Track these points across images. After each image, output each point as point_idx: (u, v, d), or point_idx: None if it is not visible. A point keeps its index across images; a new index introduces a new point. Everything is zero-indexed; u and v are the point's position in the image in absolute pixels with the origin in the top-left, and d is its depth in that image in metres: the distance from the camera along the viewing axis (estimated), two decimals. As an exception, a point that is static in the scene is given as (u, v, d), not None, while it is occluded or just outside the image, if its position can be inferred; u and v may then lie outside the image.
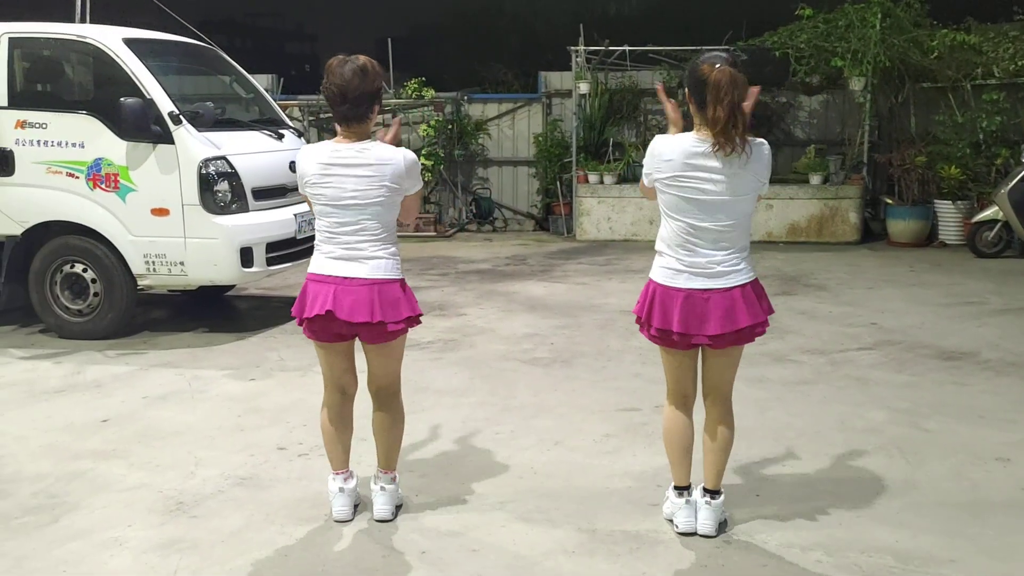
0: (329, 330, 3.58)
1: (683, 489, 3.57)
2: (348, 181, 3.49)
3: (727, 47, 11.54)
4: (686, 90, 3.39)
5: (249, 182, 6.63)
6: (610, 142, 11.95)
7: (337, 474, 3.76)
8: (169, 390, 5.47)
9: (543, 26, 19.74)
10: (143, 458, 4.40)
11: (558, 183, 12.18)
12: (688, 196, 3.30)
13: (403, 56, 16.46)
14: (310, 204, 3.65)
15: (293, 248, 6.99)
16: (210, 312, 7.75)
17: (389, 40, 13.13)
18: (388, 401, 3.76)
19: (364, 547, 3.50)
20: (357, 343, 3.70)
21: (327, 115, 12.59)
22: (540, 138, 12.42)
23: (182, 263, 6.48)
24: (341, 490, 3.73)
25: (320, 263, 3.59)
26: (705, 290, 3.35)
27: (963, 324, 6.85)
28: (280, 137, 7.24)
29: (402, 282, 3.64)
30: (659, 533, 3.57)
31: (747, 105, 3.27)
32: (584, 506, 3.83)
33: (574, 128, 11.85)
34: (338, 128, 3.55)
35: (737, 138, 3.23)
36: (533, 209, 12.95)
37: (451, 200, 12.82)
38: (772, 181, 3.61)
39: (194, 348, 6.44)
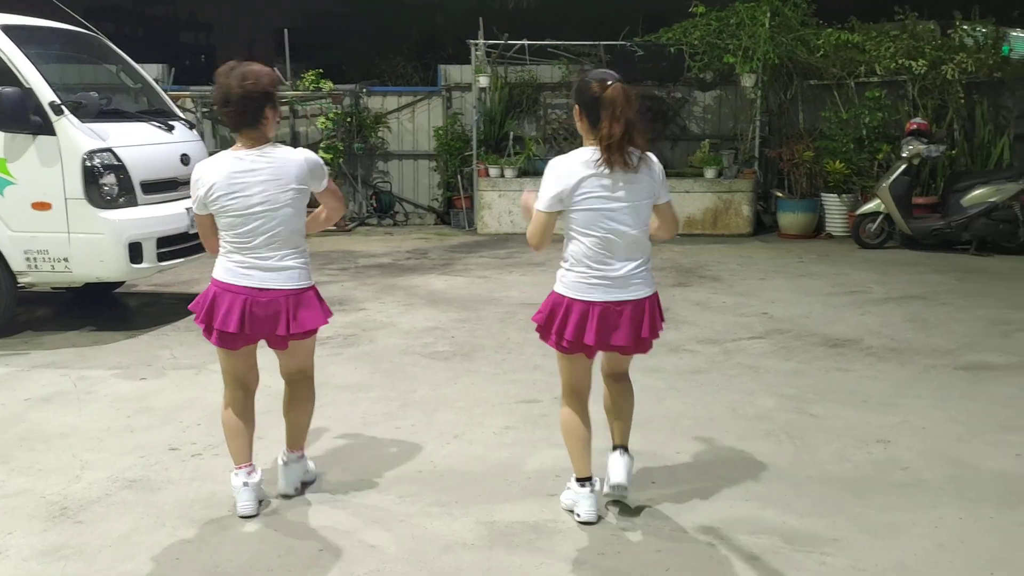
0: (238, 341, 3.56)
1: (585, 480, 3.62)
2: (255, 188, 3.45)
3: (622, 45, 11.74)
4: (576, 108, 3.47)
5: (137, 175, 6.41)
6: (510, 136, 12.00)
7: (240, 468, 3.69)
8: (53, 391, 5.25)
9: (443, 19, 19.67)
10: (24, 463, 4.21)
11: (459, 177, 12.17)
12: (598, 208, 3.38)
13: (301, 47, 16.17)
14: (203, 224, 3.61)
15: (186, 243, 6.79)
16: (98, 310, 7.47)
17: (286, 31, 12.88)
18: (301, 382, 3.81)
19: (260, 547, 3.43)
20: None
21: (221, 106, 12.28)
22: (440, 132, 12.38)
23: (66, 259, 6.22)
24: (245, 484, 3.66)
25: (230, 272, 3.53)
26: (620, 302, 3.44)
27: (847, 312, 7.13)
28: (170, 129, 7.02)
29: (314, 289, 3.64)
30: (558, 523, 3.61)
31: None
32: (483, 498, 3.84)
33: (474, 122, 11.86)
34: (236, 137, 3.54)
35: (627, 156, 3.33)
36: (434, 203, 12.90)
37: (351, 194, 12.66)
38: (669, 175, 3.70)
39: (80, 347, 6.20)
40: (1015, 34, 11.33)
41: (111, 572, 3.24)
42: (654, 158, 3.50)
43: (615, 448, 3.73)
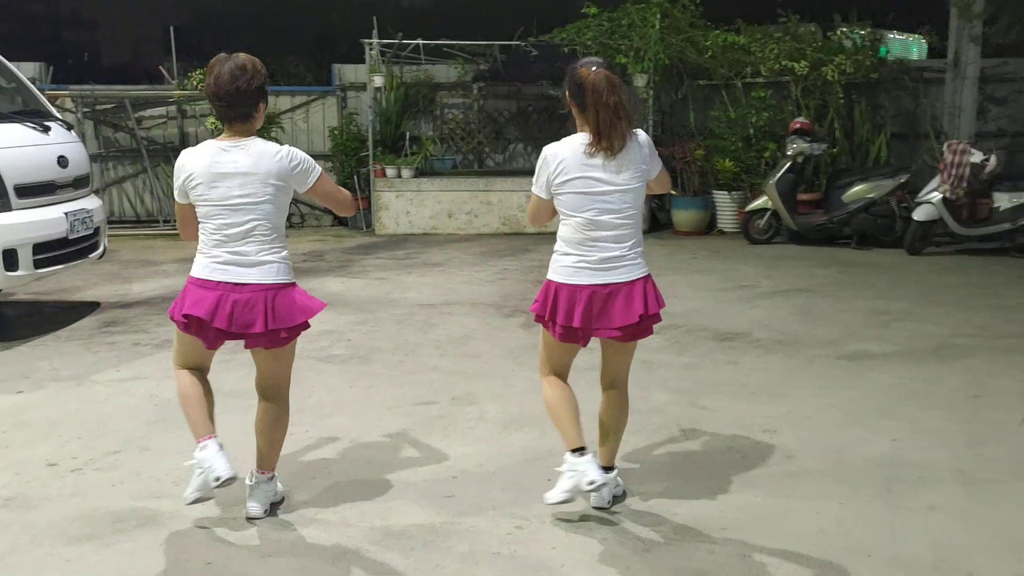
0: (207, 334, 3.45)
1: (580, 449, 3.52)
2: (235, 180, 3.37)
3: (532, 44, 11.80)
4: (567, 94, 3.52)
5: (11, 178, 6.11)
6: (407, 136, 11.92)
7: (206, 439, 3.47)
8: (-80, 408, 4.96)
9: (337, 18, 19.41)
10: None
11: (355, 177, 12.01)
12: (585, 191, 3.43)
13: (189, 45, 15.71)
14: (182, 212, 3.50)
15: (65, 249, 6.52)
16: (-29, 321, 7.11)
17: (172, 28, 12.48)
18: (275, 399, 3.65)
19: (145, 561, 3.31)
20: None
21: (103, 106, 11.84)
22: (336, 132, 12.21)
23: (-67, 268, 5.89)
24: (220, 450, 3.44)
25: (206, 268, 3.44)
26: (607, 284, 3.46)
27: (738, 307, 7.33)
28: (46, 130, 6.71)
29: (296, 286, 3.53)
30: (454, 524, 3.60)
31: None
32: (378, 503, 3.80)
33: (370, 122, 11.73)
34: (224, 128, 3.46)
35: (616, 140, 3.39)
36: (331, 204, 12.68)
37: (244, 196, 12.36)
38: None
39: (-49, 361, 5.88)
40: (892, 36, 11.89)
41: (-18, 597, 3.08)
42: (641, 135, 3.54)
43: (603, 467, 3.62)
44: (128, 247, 10.43)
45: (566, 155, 3.46)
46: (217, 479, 3.38)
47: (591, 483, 3.45)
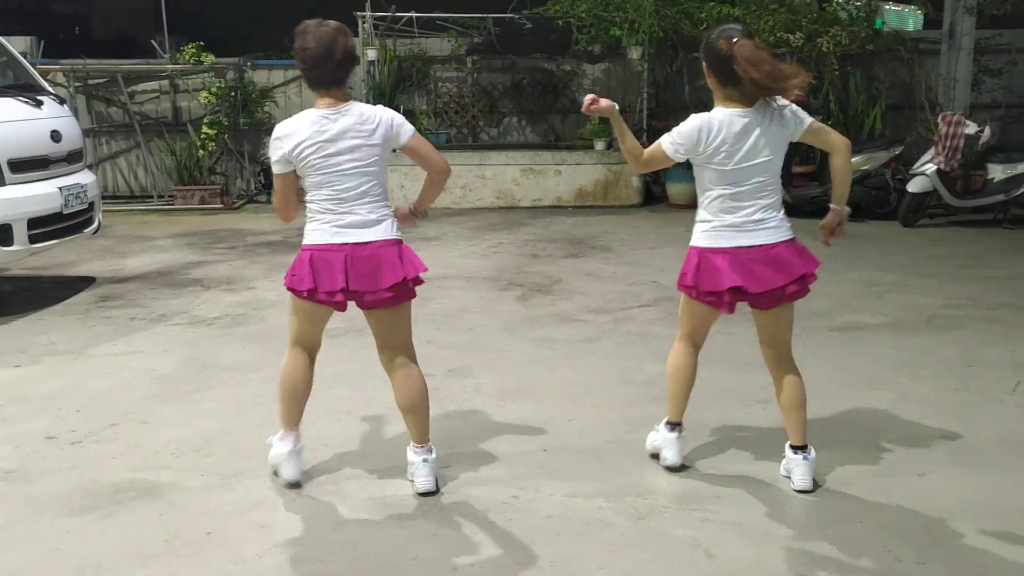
0: (337, 298, 3.49)
1: (676, 425, 3.75)
2: (345, 144, 3.41)
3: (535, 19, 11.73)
4: (704, 65, 3.52)
5: (4, 153, 6.10)
6: (400, 109, 11.87)
7: (288, 435, 3.67)
8: (-82, 383, 4.98)
9: (330, -10, 19.22)
10: None
11: (350, 152, 11.97)
12: (732, 167, 3.48)
13: (182, 19, 15.58)
14: (286, 182, 3.52)
15: (60, 224, 6.52)
16: (-33, 296, 7.11)
17: (163, 1, 12.38)
18: (404, 367, 3.65)
19: (144, 533, 3.35)
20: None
21: (95, 80, 11.77)
22: (329, 106, 12.14)
23: (-71, 243, 5.89)
24: (292, 451, 3.67)
25: (325, 234, 3.47)
26: (751, 247, 3.52)
27: (732, 279, 7.35)
28: (39, 104, 6.68)
29: (402, 242, 3.60)
30: (451, 494, 3.64)
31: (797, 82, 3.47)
32: (375, 474, 3.84)
33: (364, 96, 11.67)
34: (316, 95, 3.50)
35: (772, 100, 3.45)
36: (325, 178, 12.66)
37: (238, 171, 12.34)
38: (559, 148, 3.79)
39: (-52, 336, 5.89)
40: (888, 7, 11.82)
41: (-15, 567, 3.12)
42: (789, 107, 3.56)
43: (794, 449, 3.67)
44: (122, 222, 10.41)
45: (719, 128, 3.46)
46: (288, 482, 3.68)
47: (663, 460, 3.80)
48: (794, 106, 3.58)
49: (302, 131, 3.44)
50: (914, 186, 9.53)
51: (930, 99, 11.18)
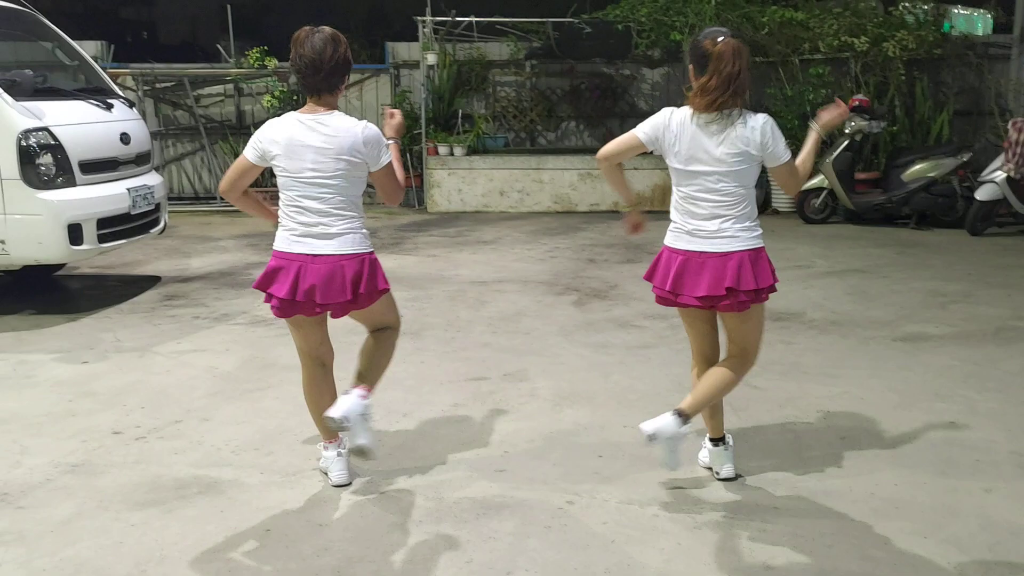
0: (296, 310, 3.54)
1: (718, 440, 3.79)
2: (307, 152, 3.44)
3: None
4: (690, 67, 3.54)
5: (75, 155, 6.27)
6: (459, 113, 11.95)
7: (330, 443, 3.77)
8: (-8, 377, 5.15)
9: (390, -5, 19.46)
10: (-38, 450, 4.14)
11: (408, 155, 12.08)
12: (683, 167, 3.51)
13: (246, 24, 15.89)
14: (243, 167, 3.59)
15: (128, 224, 6.69)
16: (38, 293, 7.32)
17: (228, 6, 12.63)
18: (384, 330, 3.84)
19: (206, 528, 3.41)
20: None
21: (163, 84, 12.05)
22: (389, 109, 12.26)
23: (2, 242, 6.08)
24: (339, 455, 3.75)
25: (286, 241, 3.53)
26: (701, 252, 3.51)
27: (792, 286, 7.25)
28: (109, 107, 6.86)
29: (372, 256, 3.62)
30: (505, 498, 3.64)
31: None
32: (431, 476, 3.86)
33: (423, 99, 11.77)
34: (308, 100, 3.52)
35: (724, 104, 3.41)
36: (383, 181, 12.77)
37: (299, 173, 12.51)
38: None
39: (20, 331, 6.07)
40: (956, 11, 11.56)
41: (53, 557, 3.20)
42: (760, 120, 3.53)
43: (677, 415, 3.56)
44: (187, 223, 10.64)
45: (675, 123, 3.49)
46: (336, 485, 3.75)
47: (715, 473, 3.80)
48: (777, 140, 3.54)
49: (280, 133, 3.48)
50: (982, 194, 9.30)
51: (1000, 105, 10.90)
